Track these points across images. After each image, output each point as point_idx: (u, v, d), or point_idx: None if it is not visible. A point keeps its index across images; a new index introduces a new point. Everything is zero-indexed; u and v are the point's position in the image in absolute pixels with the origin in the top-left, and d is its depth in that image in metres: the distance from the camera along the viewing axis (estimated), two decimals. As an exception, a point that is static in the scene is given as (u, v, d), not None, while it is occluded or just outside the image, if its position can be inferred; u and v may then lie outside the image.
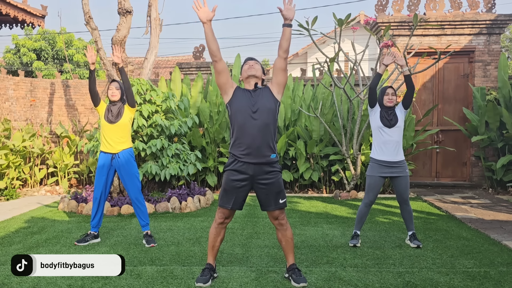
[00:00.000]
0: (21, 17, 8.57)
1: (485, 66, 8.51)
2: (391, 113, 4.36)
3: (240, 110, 3.25)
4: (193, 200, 6.53)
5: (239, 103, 3.27)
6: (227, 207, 3.32)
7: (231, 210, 3.35)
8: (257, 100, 3.26)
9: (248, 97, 3.28)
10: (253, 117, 3.22)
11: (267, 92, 3.32)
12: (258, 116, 3.23)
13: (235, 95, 3.31)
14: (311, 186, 8.37)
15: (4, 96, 8.99)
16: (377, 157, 4.36)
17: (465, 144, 8.70)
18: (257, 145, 3.22)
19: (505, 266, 3.78)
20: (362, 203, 4.49)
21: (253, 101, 3.26)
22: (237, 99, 3.29)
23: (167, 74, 17.90)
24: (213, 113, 8.10)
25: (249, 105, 3.25)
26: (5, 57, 18.18)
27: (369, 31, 7.15)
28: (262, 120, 3.23)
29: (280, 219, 3.35)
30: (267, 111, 3.25)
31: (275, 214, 3.35)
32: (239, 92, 3.32)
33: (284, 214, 3.39)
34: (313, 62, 9.47)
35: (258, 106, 3.24)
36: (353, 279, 3.46)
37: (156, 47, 7.41)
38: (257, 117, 3.23)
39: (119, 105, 4.64)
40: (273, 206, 3.31)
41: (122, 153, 4.58)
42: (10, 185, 8.04)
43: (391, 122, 4.32)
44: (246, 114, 3.23)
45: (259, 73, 3.33)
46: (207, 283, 3.32)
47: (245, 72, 3.34)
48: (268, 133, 3.25)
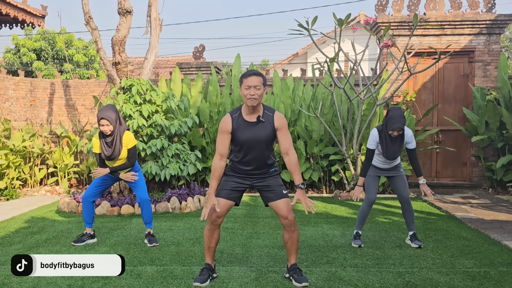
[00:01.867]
0: (21, 17, 8.56)
1: (485, 66, 8.51)
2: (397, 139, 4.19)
3: (240, 142, 3.28)
4: (193, 200, 6.53)
5: (239, 136, 3.26)
6: (221, 195, 3.33)
7: (223, 205, 3.31)
8: (257, 132, 3.25)
9: (248, 129, 3.26)
10: (253, 145, 3.27)
11: (270, 124, 3.26)
12: (257, 145, 3.27)
13: (234, 131, 3.27)
14: (311, 186, 8.37)
15: (4, 96, 8.99)
16: (375, 164, 4.42)
17: (465, 144, 8.70)
18: (259, 166, 3.34)
19: (505, 266, 3.78)
20: (363, 203, 4.49)
21: (253, 133, 3.25)
22: (237, 133, 3.26)
23: (167, 74, 17.90)
24: (213, 113, 8.10)
25: (249, 137, 3.25)
26: (5, 57, 18.18)
27: (369, 31, 7.15)
28: (260, 148, 3.29)
29: (290, 219, 3.29)
30: (264, 143, 3.28)
31: (285, 211, 3.28)
32: (236, 126, 3.26)
33: (293, 214, 3.33)
34: (313, 62, 9.47)
35: (257, 137, 3.25)
36: (353, 279, 3.46)
37: (156, 47, 7.41)
38: (256, 146, 3.27)
39: (115, 137, 4.39)
40: (278, 197, 3.32)
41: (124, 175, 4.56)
42: (10, 185, 8.04)
43: (395, 154, 4.21)
44: (246, 144, 3.27)
45: (261, 98, 3.22)
46: (204, 283, 3.32)
47: (244, 98, 3.19)
48: (267, 153, 3.33)
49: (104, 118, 4.30)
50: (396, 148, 4.19)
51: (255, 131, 3.24)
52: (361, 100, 7.34)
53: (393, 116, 4.10)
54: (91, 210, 4.63)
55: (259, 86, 3.14)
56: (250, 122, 3.25)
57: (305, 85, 8.61)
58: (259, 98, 3.16)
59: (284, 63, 19.76)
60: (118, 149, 4.41)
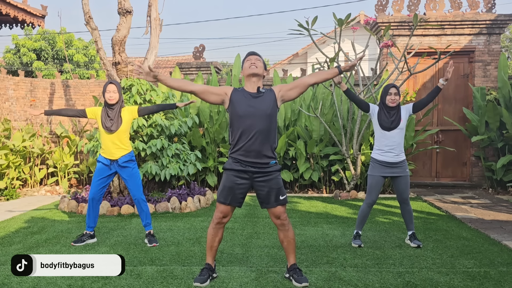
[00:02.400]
0: (21, 17, 8.56)
1: (485, 66, 8.52)
2: (394, 114, 4.28)
3: (239, 115, 3.22)
4: (193, 200, 6.53)
5: (238, 108, 3.23)
6: (224, 202, 3.31)
7: (228, 207, 3.33)
8: (257, 105, 3.23)
9: (247, 100, 3.24)
10: (253, 122, 3.20)
11: (271, 97, 3.29)
12: (258, 121, 3.20)
13: (233, 100, 3.27)
14: (311, 186, 8.37)
15: (4, 96, 8.99)
16: (378, 157, 4.35)
17: (465, 144, 8.70)
18: (258, 150, 3.23)
19: (505, 266, 3.78)
20: (364, 203, 4.48)
21: (253, 105, 3.23)
22: (236, 104, 3.25)
23: (167, 74, 17.90)
24: (213, 113, 8.10)
25: (249, 110, 3.21)
26: (5, 57, 18.19)
27: (369, 31, 7.15)
28: (262, 126, 3.21)
29: (282, 219, 3.33)
30: (266, 116, 3.23)
31: (277, 213, 3.32)
32: (237, 96, 3.27)
33: (286, 214, 3.38)
34: (313, 62, 9.47)
35: (259, 111, 3.21)
36: (353, 279, 3.46)
37: (156, 47, 7.40)
38: (257, 122, 3.20)
39: (117, 109, 4.49)
40: (274, 203, 3.31)
41: (122, 159, 4.56)
42: (10, 185, 8.04)
43: (392, 124, 4.25)
44: (245, 119, 3.21)
45: (261, 71, 3.30)
46: (204, 283, 3.31)
47: (246, 70, 3.30)
48: (268, 138, 3.25)
49: (113, 83, 4.48)
50: (394, 117, 4.26)
51: (255, 103, 3.24)
52: (361, 100, 7.33)
53: (386, 86, 4.35)
54: (98, 211, 4.66)
55: (259, 59, 3.33)
56: (251, 93, 3.28)
57: (305, 85, 8.59)
58: (259, 68, 3.29)
59: (284, 63, 19.77)
60: (117, 122, 4.48)
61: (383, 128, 4.28)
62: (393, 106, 4.27)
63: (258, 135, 3.21)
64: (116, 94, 4.48)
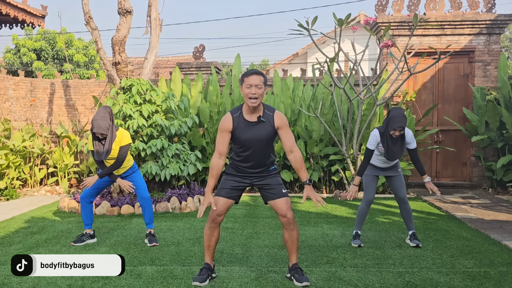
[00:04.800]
0: (21, 17, 8.56)
1: (485, 66, 8.51)
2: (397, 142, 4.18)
3: (241, 141, 3.28)
4: (193, 200, 6.53)
5: (240, 136, 3.26)
6: (220, 194, 3.35)
7: (223, 204, 3.33)
8: (258, 132, 3.26)
9: (249, 129, 3.26)
10: (253, 144, 3.27)
11: (270, 124, 3.27)
12: (258, 144, 3.27)
13: (235, 131, 3.27)
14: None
15: (4, 96, 8.99)
16: (372, 162, 4.43)
17: (465, 144, 8.70)
18: (259, 163, 3.35)
19: (505, 266, 3.78)
20: (362, 202, 4.50)
21: (254, 132, 3.25)
22: (238, 133, 3.26)
23: (167, 74, 17.90)
24: (213, 113, 8.10)
25: (250, 136, 3.25)
26: (5, 57, 18.18)
27: (369, 31, 7.15)
28: (262, 146, 3.30)
29: (289, 217, 3.32)
30: (265, 140, 3.29)
31: (284, 209, 3.31)
32: (237, 126, 3.26)
33: (292, 212, 3.36)
34: (313, 62, 9.47)
35: (258, 136, 3.26)
36: (353, 279, 3.46)
37: (156, 47, 7.41)
38: (257, 144, 3.27)
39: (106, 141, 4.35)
40: (278, 196, 3.34)
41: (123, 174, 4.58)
42: (10, 185, 8.04)
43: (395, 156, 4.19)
44: (247, 142, 3.27)
45: (261, 99, 3.22)
46: (203, 283, 3.32)
47: (246, 97, 3.19)
48: (267, 152, 3.35)
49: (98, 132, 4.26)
50: (397, 148, 4.20)
51: (255, 130, 3.25)
52: (361, 100, 7.34)
53: (394, 115, 4.11)
54: (90, 211, 4.63)
55: (260, 85, 3.15)
56: (250, 122, 3.25)
57: (305, 85, 8.61)
58: (260, 97, 3.17)
59: (284, 63, 19.77)
60: (107, 150, 4.34)
61: (389, 159, 4.25)
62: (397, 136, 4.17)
63: (258, 151, 3.31)
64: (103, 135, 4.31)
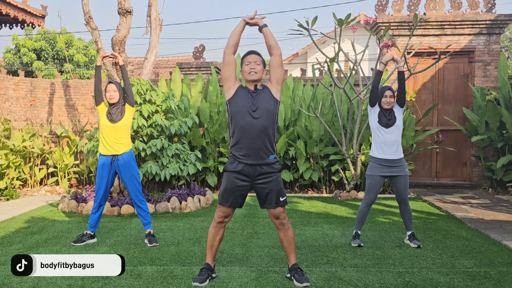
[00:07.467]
0: (21, 17, 8.56)
1: (485, 66, 8.51)
2: (390, 114, 4.36)
3: (240, 110, 3.25)
4: (193, 200, 6.53)
5: (239, 103, 3.26)
6: (226, 205, 3.34)
7: (230, 208, 3.36)
8: (257, 101, 3.26)
9: (248, 97, 3.28)
10: (253, 118, 3.23)
11: (267, 93, 3.32)
12: (257, 118, 3.23)
13: (237, 93, 3.31)
14: (311, 186, 8.37)
15: (4, 96, 8.99)
16: (377, 155, 4.37)
17: (465, 144, 8.70)
18: (257, 147, 3.25)
19: (505, 266, 3.78)
20: (362, 203, 4.50)
21: (253, 102, 3.26)
22: (238, 98, 3.28)
23: (167, 74, 17.90)
24: (213, 113, 8.10)
25: (249, 106, 3.25)
26: (5, 57, 18.19)
27: (369, 31, 7.15)
28: (261, 122, 3.24)
29: (281, 219, 3.36)
30: (266, 112, 3.25)
31: (276, 213, 3.35)
32: (241, 91, 3.31)
33: (285, 213, 3.39)
34: (313, 62, 9.47)
35: (258, 107, 3.24)
36: (353, 279, 3.46)
37: (156, 47, 7.41)
38: (256, 119, 3.23)
39: (119, 106, 4.59)
40: (274, 204, 3.32)
41: (122, 156, 4.56)
42: (10, 185, 8.04)
43: (389, 122, 4.31)
44: (246, 115, 3.23)
45: (260, 75, 3.31)
46: (203, 283, 3.32)
47: (245, 75, 3.31)
48: (267, 134, 3.27)
49: (112, 83, 4.54)
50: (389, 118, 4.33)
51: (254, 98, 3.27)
52: (361, 100, 7.34)
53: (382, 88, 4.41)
54: (100, 214, 4.71)
55: (258, 62, 3.28)
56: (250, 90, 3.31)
57: (305, 85, 8.61)
58: (259, 72, 3.27)
59: (284, 63, 19.76)
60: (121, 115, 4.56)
61: (382, 124, 4.31)
62: (388, 108, 4.33)
63: (257, 132, 3.23)
64: (116, 93, 4.55)
